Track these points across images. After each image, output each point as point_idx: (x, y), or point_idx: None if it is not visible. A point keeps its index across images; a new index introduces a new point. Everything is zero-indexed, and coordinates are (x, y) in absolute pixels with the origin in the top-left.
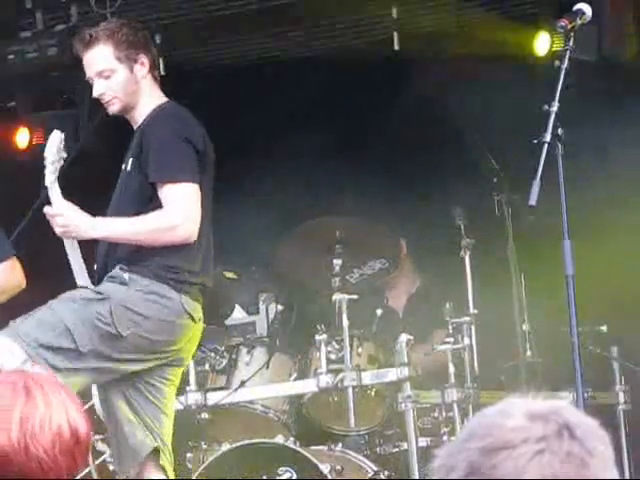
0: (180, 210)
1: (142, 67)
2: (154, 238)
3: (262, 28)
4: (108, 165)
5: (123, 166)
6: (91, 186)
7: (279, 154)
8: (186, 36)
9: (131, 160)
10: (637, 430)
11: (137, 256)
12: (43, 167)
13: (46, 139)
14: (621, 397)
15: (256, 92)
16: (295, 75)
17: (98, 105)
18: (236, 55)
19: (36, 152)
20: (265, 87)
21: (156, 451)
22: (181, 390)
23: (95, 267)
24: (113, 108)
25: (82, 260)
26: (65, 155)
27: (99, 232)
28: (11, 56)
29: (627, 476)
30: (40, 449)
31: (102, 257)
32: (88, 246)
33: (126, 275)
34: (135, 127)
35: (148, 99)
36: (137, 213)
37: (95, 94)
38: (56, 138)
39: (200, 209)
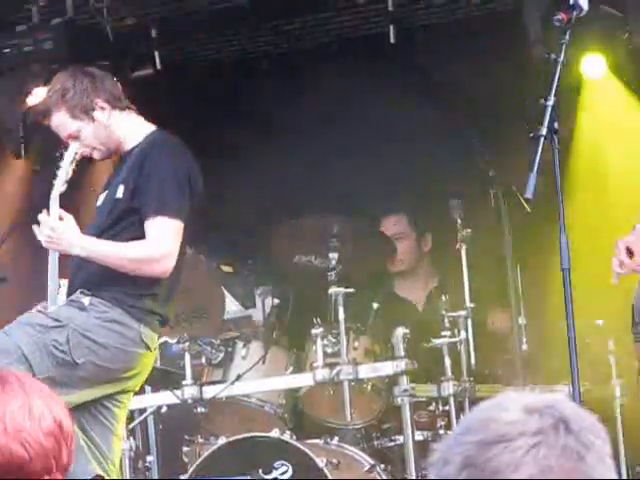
0: (166, 245)
1: (102, 110)
2: (135, 267)
3: (258, 22)
4: None
5: (107, 191)
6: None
7: (276, 148)
8: (182, 30)
9: (122, 186)
10: (633, 424)
11: (101, 279)
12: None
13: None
14: (617, 391)
15: (252, 86)
16: (292, 68)
17: None
18: (232, 49)
19: None
20: (261, 81)
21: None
22: (177, 384)
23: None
24: (97, 156)
25: (57, 280)
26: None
27: (84, 251)
28: (7, 50)
29: (623, 470)
30: (24, 432)
31: (72, 273)
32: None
33: (86, 300)
34: (123, 153)
35: (127, 129)
36: (112, 238)
37: (77, 155)
38: (73, 151)
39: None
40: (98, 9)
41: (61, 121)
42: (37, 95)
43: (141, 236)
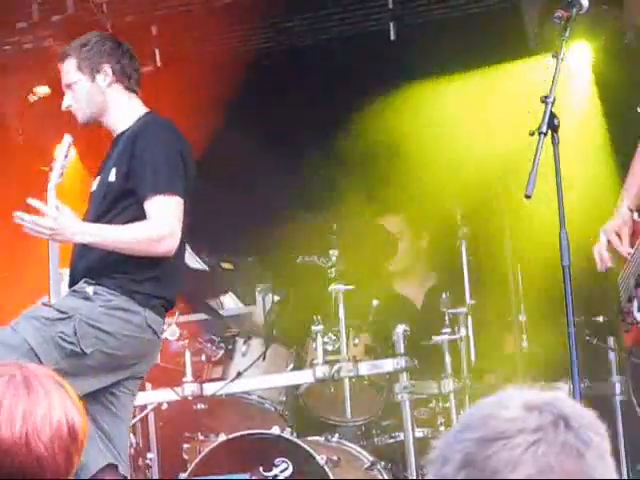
0: (168, 223)
1: (106, 77)
2: (139, 248)
3: (258, 19)
4: None
5: (100, 175)
6: None
7: (276, 146)
8: (183, 27)
9: (114, 169)
10: (633, 421)
11: (105, 266)
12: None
13: None
14: (617, 388)
15: (253, 83)
16: (292, 66)
17: None
18: (233, 46)
19: None
20: (262, 79)
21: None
22: (177, 381)
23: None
24: (80, 119)
25: (58, 270)
26: (70, 160)
27: (87, 238)
28: (7, 47)
29: (624, 467)
30: (41, 446)
31: (74, 262)
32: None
33: (90, 289)
34: (114, 135)
35: (122, 108)
36: (109, 222)
37: (63, 107)
38: (66, 142)
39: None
40: (98, 6)
41: (69, 67)
42: (38, 93)
43: (138, 218)
